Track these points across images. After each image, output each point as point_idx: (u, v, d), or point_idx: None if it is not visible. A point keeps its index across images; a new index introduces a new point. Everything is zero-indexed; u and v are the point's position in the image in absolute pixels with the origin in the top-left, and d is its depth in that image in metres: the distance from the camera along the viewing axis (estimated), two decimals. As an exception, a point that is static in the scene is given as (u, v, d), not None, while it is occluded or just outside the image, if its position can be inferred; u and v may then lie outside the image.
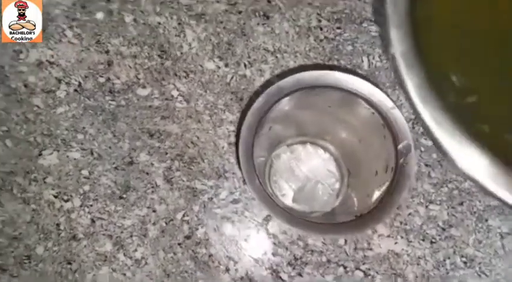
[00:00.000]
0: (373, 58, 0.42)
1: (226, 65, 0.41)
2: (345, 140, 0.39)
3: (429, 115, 0.23)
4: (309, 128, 0.39)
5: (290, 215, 0.30)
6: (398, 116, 0.31)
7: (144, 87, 0.41)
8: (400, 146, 0.31)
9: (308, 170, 0.40)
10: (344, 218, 0.31)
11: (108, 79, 0.41)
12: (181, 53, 0.41)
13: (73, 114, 0.40)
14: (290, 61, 0.41)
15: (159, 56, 0.41)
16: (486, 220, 0.39)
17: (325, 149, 0.40)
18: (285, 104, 0.33)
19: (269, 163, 0.40)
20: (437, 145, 0.23)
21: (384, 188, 0.30)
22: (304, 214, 0.38)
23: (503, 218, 0.39)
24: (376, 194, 0.31)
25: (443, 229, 0.39)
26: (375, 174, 0.33)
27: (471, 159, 0.22)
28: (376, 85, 0.32)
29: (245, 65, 0.41)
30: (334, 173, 0.40)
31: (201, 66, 0.41)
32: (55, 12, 0.41)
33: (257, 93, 0.40)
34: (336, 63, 0.41)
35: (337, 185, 0.40)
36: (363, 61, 0.41)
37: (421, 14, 0.24)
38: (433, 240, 0.39)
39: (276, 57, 0.41)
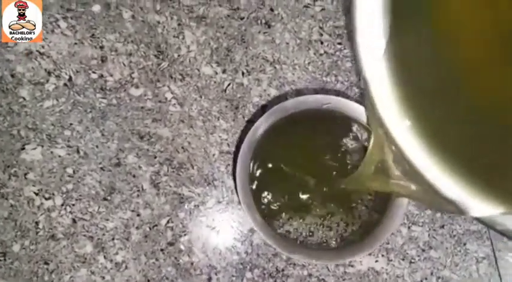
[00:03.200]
0: (370, 77, 0.39)
1: (224, 71, 0.38)
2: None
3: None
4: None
5: (273, 233, 0.28)
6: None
7: (137, 87, 0.38)
8: None
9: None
10: (328, 245, 0.29)
11: (101, 76, 0.38)
12: (179, 55, 0.38)
13: (61, 109, 0.37)
14: (288, 73, 0.39)
15: (155, 56, 0.38)
16: (464, 244, 0.38)
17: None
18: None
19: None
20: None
21: (374, 218, 0.29)
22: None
23: (480, 243, 0.38)
24: (366, 222, 0.30)
25: (423, 250, 0.38)
26: (361, 204, 0.31)
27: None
28: None
29: (243, 73, 0.39)
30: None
31: (198, 70, 0.38)
32: (49, 1, 0.38)
33: (254, 105, 0.37)
34: (333, 79, 0.39)
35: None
36: (360, 80, 0.39)
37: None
38: (413, 261, 0.38)
39: (275, 67, 0.39)
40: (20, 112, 0.36)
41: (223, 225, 0.36)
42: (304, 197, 0.32)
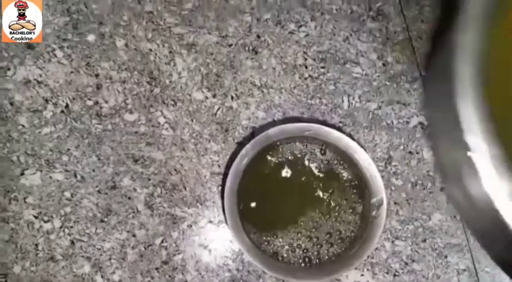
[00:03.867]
0: (353, 98, 0.41)
1: (214, 96, 0.40)
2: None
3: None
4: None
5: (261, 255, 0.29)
6: (374, 172, 0.31)
7: (131, 112, 0.39)
8: (373, 200, 0.31)
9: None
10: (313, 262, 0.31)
11: (96, 102, 0.39)
12: (171, 82, 0.40)
13: (58, 135, 0.38)
14: (275, 96, 0.40)
15: (148, 82, 0.40)
16: (445, 257, 0.40)
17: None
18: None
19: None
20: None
21: (354, 237, 0.30)
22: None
23: (461, 256, 0.40)
24: (346, 242, 0.31)
25: (406, 263, 0.39)
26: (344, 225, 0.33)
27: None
28: (358, 143, 0.32)
29: (232, 98, 0.40)
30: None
31: (189, 95, 0.40)
32: (46, 31, 0.39)
33: (244, 128, 0.39)
34: (317, 101, 0.41)
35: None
36: (343, 101, 0.41)
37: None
38: (396, 274, 0.39)
39: (262, 91, 0.40)
40: (19, 139, 0.38)
41: (215, 244, 0.37)
42: (289, 219, 0.34)
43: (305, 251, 0.33)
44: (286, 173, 0.33)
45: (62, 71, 0.39)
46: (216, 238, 0.37)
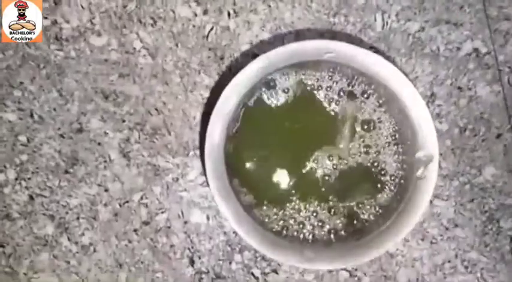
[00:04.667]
0: (389, 17, 0.31)
1: (205, 12, 0.30)
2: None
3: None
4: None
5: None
6: (423, 117, 0.21)
7: (99, 35, 0.30)
8: (420, 154, 0.21)
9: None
10: (342, 237, 0.22)
11: (55, 22, 0.30)
12: (148, -7, 0.30)
13: (8, 64, 0.30)
14: (286, 12, 0.30)
15: (119, -6, 0.30)
16: (497, 221, 0.31)
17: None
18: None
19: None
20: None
21: (392, 206, 0.21)
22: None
23: (517, 220, 0.31)
24: (381, 213, 0.22)
25: (447, 228, 0.31)
26: (377, 188, 0.23)
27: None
28: (403, 72, 0.22)
29: (229, 14, 0.30)
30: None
31: (172, 11, 0.30)
32: None
33: (245, 55, 0.29)
34: (343, 19, 0.30)
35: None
36: (376, 20, 0.31)
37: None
38: (434, 241, 0.31)
39: (269, 6, 0.30)
40: (-41, 68, 0.29)
41: (207, 201, 0.30)
42: (298, 181, 0.24)
43: (320, 224, 0.24)
44: (294, 117, 0.24)
45: (7, -21, 0.29)
46: (209, 194, 0.29)
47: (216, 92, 0.30)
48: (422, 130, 0.21)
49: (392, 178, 0.23)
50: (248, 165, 0.24)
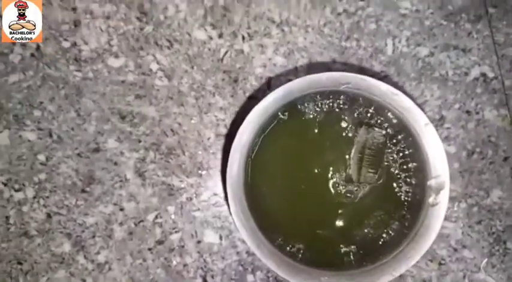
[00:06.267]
0: (399, 42, 0.31)
1: (220, 36, 0.30)
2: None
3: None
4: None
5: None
6: (435, 144, 0.21)
7: (117, 56, 0.30)
8: (431, 182, 0.21)
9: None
10: (357, 262, 0.21)
11: (74, 44, 0.30)
12: (166, 17, 0.30)
13: (29, 84, 0.29)
14: (299, 37, 0.30)
15: (137, 18, 0.30)
16: (504, 242, 0.31)
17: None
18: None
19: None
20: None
21: (403, 232, 0.21)
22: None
23: (524, 242, 0.31)
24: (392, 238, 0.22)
25: (455, 250, 0.30)
26: (389, 213, 0.23)
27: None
28: (411, 97, 0.22)
29: (243, 38, 0.30)
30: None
31: (188, 35, 0.30)
32: (8, -49, 0.29)
33: (258, 78, 0.29)
34: (354, 44, 0.30)
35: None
36: (386, 45, 0.30)
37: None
38: (442, 262, 0.30)
39: (283, 30, 0.30)
40: (-20, 88, 0.29)
41: (220, 221, 0.29)
42: (316, 207, 0.24)
43: (335, 250, 0.24)
44: (312, 142, 0.23)
45: (28, 2, 0.29)
46: (222, 214, 0.29)
47: (230, 113, 0.30)
48: (434, 158, 0.21)
49: (405, 205, 0.23)
50: (265, 190, 0.24)
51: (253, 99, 0.30)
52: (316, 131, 0.23)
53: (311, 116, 0.23)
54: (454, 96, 0.31)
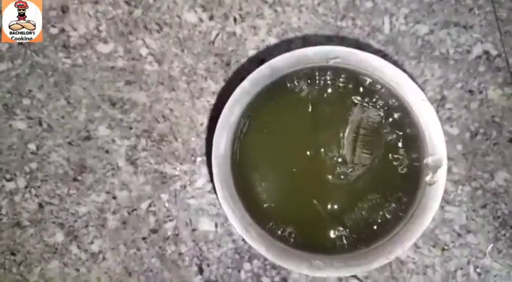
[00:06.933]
0: (397, 19, 0.29)
1: (211, 18, 0.29)
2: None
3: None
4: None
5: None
6: (432, 120, 0.19)
7: (106, 42, 0.29)
8: (428, 160, 0.20)
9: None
10: (351, 245, 0.20)
11: (62, 30, 0.29)
12: (155, 0, 0.29)
13: (17, 73, 0.29)
14: (293, 17, 0.29)
15: (126, 2, 0.29)
16: (510, 227, 0.29)
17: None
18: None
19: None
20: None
21: (400, 214, 0.20)
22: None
23: (531, 225, 0.29)
24: (387, 220, 0.20)
25: (459, 235, 0.29)
26: (385, 195, 0.22)
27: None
28: (411, 76, 0.20)
29: (235, 19, 0.29)
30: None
31: (178, 17, 0.29)
32: None
33: (251, 60, 0.28)
34: (350, 23, 0.29)
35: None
36: (383, 23, 0.29)
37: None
38: (446, 247, 0.29)
39: (275, 10, 0.29)
40: (-32, 78, 0.28)
41: (215, 209, 0.28)
42: (304, 189, 0.23)
43: (327, 234, 0.23)
44: (304, 122, 0.22)
45: (14, -12, 0.29)
46: (217, 201, 0.28)
47: (222, 98, 0.29)
48: (430, 135, 0.20)
49: (402, 186, 0.21)
50: (254, 172, 0.23)
51: (247, 82, 0.29)
52: (308, 109, 0.22)
53: (301, 94, 0.22)
54: (455, 75, 0.30)
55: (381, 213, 0.21)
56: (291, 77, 0.22)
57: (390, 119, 0.21)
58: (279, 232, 0.22)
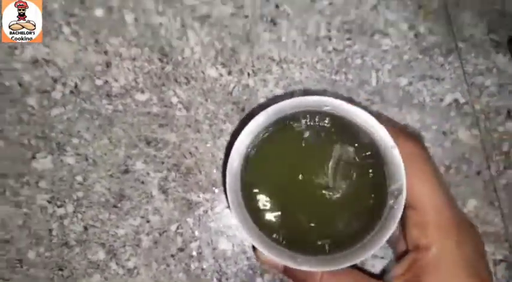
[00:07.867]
0: (382, 74, 0.35)
1: (229, 73, 0.35)
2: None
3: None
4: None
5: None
6: (396, 155, 0.25)
7: (142, 92, 0.35)
8: (392, 188, 0.25)
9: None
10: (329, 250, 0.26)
11: (106, 82, 0.35)
12: (183, 58, 0.35)
13: (68, 117, 0.34)
14: (296, 72, 0.35)
15: (159, 59, 0.35)
16: (481, 246, 0.34)
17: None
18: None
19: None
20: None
21: (366, 229, 0.25)
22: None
23: (498, 245, 0.34)
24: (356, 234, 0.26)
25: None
26: (358, 214, 0.27)
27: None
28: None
29: (249, 74, 0.35)
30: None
31: (202, 72, 0.35)
32: (53, 7, 0.34)
33: (261, 107, 0.34)
34: (343, 77, 0.35)
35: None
36: (371, 76, 0.35)
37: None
38: (426, 264, 0.34)
39: (282, 67, 0.35)
40: (29, 121, 0.34)
41: (232, 230, 0.33)
42: (297, 207, 0.28)
43: (313, 242, 0.28)
44: (298, 153, 0.27)
45: (69, 48, 0.35)
46: (233, 224, 0.33)
47: (236, 136, 0.34)
48: (393, 166, 0.25)
49: (372, 205, 0.27)
50: (260, 194, 0.28)
51: (258, 125, 0.34)
52: (302, 144, 0.27)
53: (297, 130, 0.27)
54: (431, 119, 0.36)
55: (354, 226, 0.27)
56: (292, 117, 0.28)
57: (363, 155, 0.27)
58: (273, 235, 0.27)
